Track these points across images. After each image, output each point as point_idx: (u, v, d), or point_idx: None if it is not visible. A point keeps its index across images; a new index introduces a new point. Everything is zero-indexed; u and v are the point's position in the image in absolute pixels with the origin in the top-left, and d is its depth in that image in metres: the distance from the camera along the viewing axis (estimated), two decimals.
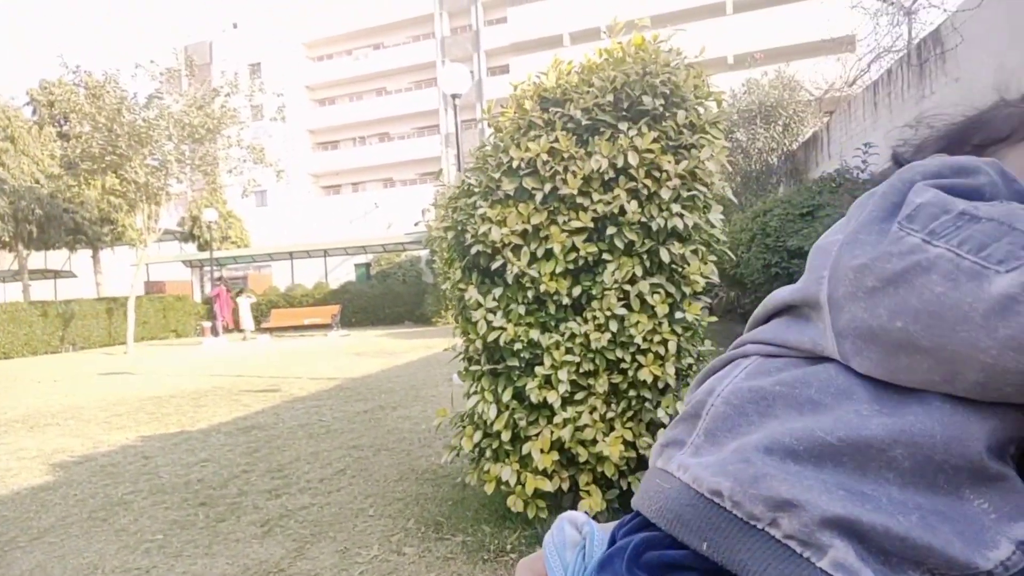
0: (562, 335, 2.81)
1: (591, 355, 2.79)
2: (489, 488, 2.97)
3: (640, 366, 2.76)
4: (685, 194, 2.74)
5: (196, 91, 17.96)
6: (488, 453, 3.01)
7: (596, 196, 2.73)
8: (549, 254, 2.78)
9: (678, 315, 2.81)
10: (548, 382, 2.84)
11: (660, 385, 2.80)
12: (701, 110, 2.86)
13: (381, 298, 24.09)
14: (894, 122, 8.50)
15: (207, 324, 22.00)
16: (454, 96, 8.91)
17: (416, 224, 4.94)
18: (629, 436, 2.79)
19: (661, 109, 2.76)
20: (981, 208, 0.43)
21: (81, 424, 6.83)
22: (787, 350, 0.51)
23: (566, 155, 2.75)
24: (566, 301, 2.82)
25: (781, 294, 0.55)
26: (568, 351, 2.80)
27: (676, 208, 2.71)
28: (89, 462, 5.10)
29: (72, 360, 16.64)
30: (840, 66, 10.48)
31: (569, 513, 0.62)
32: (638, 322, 2.72)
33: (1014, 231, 0.41)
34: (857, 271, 0.45)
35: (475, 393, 3.06)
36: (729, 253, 3.04)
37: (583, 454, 2.82)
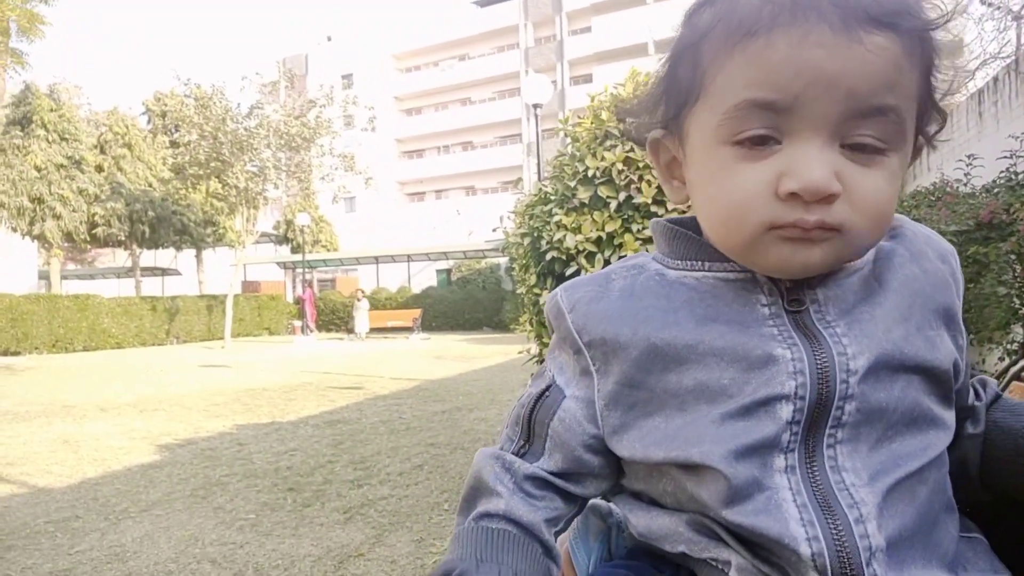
0: None
1: None
2: None
3: None
4: None
5: (294, 102, 18.99)
6: None
7: (671, 205, 2.78)
8: None
9: None
10: None
11: None
12: None
13: (461, 303, 24.57)
14: (1001, 132, 8.02)
15: (298, 323, 23.08)
16: (535, 106, 9.07)
17: (494, 231, 5.18)
18: None
19: None
20: None
21: (184, 411, 7.37)
22: None
23: (641, 164, 2.82)
24: None
25: None
26: None
27: None
28: (191, 445, 5.53)
29: (176, 352, 17.86)
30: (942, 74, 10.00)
31: (593, 502, 0.67)
32: None
33: None
34: None
35: None
36: None
37: None
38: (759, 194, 0.49)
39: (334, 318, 26.20)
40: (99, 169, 23.34)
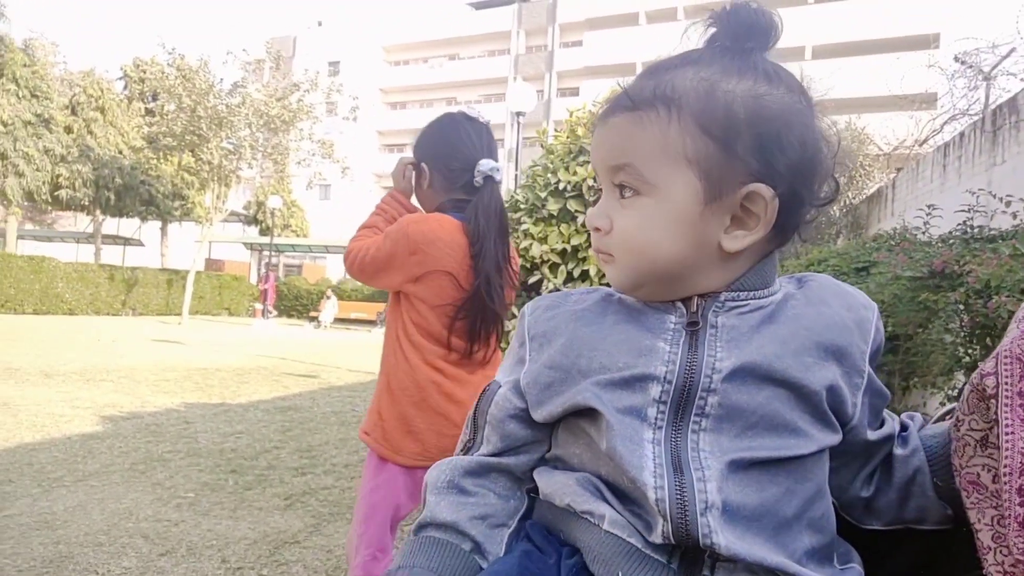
0: None
1: None
2: None
3: None
4: None
5: (278, 83, 18.75)
6: None
7: None
8: (584, 275, 2.90)
9: None
10: None
11: None
12: None
13: None
14: (962, 186, 8.30)
15: (259, 306, 22.74)
16: (518, 114, 9.13)
17: None
18: None
19: None
20: None
21: (132, 384, 7.22)
22: None
23: None
24: None
25: None
26: None
27: None
28: (136, 419, 5.42)
29: (130, 324, 17.45)
30: (913, 124, 10.30)
31: None
32: None
33: None
34: None
35: None
36: None
37: None
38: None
39: (297, 304, 25.87)
40: (68, 130, 22.73)
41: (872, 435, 0.66)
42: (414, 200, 1.87)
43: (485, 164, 1.73)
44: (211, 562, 2.74)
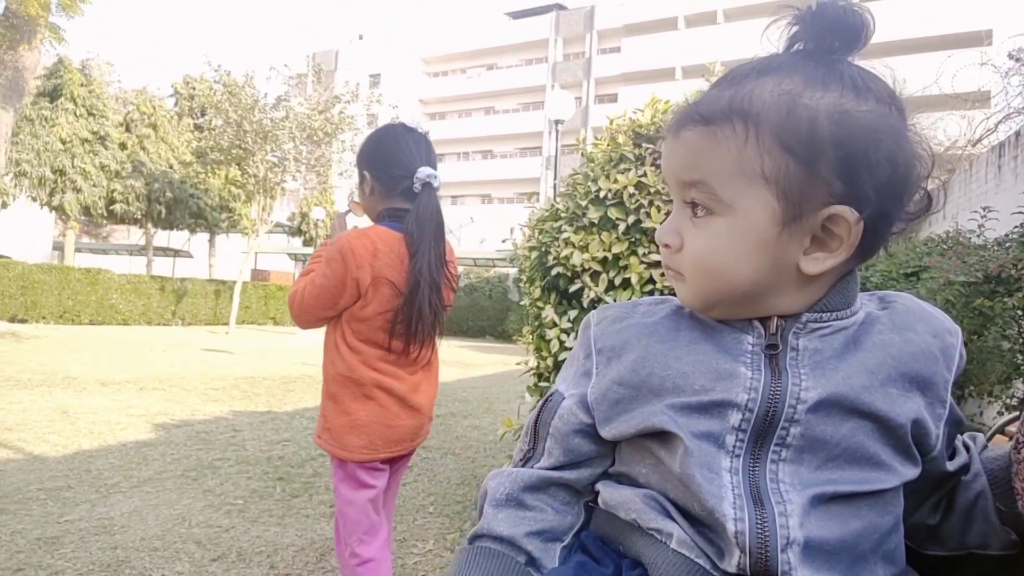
0: None
1: None
2: None
3: None
4: None
5: (320, 96, 19.17)
6: None
7: None
8: (626, 283, 2.88)
9: None
10: None
11: None
12: None
13: (466, 310, 24.56)
14: (1019, 187, 8.01)
15: None
16: (557, 122, 9.15)
17: (504, 241, 5.32)
18: None
19: None
20: None
21: (183, 392, 7.44)
22: None
23: (652, 190, 2.86)
24: None
25: None
26: None
27: None
28: (187, 427, 5.58)
29: (180, 333, 17.97)
30: (965, 123, 9.95)
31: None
32: None
33: None
34: None
35: None
36: None
37: None
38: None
39: None
40: (123, 147, 23.58)
41: (950, 465, 0.64)
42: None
43: (423, 171, 1.83)
44: (260, 568, 2.80)
